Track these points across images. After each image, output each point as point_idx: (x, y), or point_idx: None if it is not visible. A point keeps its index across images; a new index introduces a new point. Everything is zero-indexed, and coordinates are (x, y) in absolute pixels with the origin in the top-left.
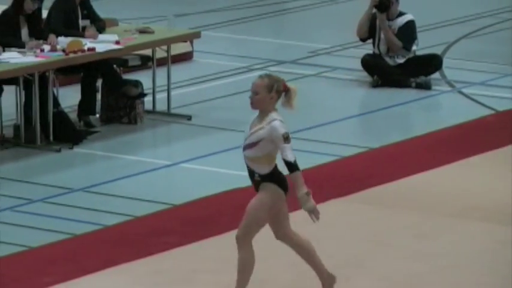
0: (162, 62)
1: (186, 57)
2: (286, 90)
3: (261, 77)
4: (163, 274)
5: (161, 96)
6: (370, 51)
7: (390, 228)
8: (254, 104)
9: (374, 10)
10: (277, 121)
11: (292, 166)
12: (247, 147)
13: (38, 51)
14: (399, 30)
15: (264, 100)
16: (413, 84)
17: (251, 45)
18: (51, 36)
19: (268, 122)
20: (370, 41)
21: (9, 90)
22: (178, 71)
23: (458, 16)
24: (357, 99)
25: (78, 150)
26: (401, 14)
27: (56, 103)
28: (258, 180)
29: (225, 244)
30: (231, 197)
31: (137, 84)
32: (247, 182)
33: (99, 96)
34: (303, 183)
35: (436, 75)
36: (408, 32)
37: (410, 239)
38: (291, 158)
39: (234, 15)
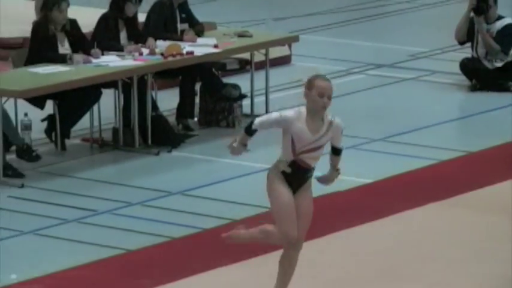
0: (260, 66)
1: (284, 60)
2: None
3: (327, 79)
4: (262, 278)
5: (259, 99)
6: (469, 55)
7: (489, 233)
8: (326, 109)
9: (472, 13)
10: (336, 117)
11: (341, 151)
12: (317, 149)
13: (137, 54)
14: (497, 34)
15: None
16: None
17: (350, 48)
18: (150, 40)
19: (329, 122)
20: (469, 44)
21: (108, 94)
22: (277, 75)
23: None
24: (456, 103)
25: (176, 153)
26: (500, 17)
27: (155, 106)
28: (311, 175)
29: (321, 246)
30: (330, 200)
31: (236, 87)
32: (348, 185)
33: (197, 99)
34: None
35: None
36: (506, 36)
37: (509, 244)
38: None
39: (332, 18)
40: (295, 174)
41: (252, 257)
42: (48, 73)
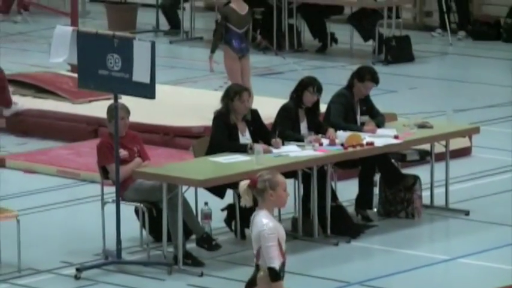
0: (440, 157)
1: (464, 152)
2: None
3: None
4: None
5: (439, 191)
6: None
7: None
8: None
9: None
10: None
11: None
12: None
13: (317, 145)
14: None
15: None
16: None
17: None
18: (330, 130)
19: None
20: None
21: (288, 183)
22: (457, 166)
23: None
24: None
25: (355, 244)
26: None
27: (334, 197)
28: None
29: None
30: None
31: (415, 179)
32: None
33: (376, 190)
34: None
35: None
36: None
37: None
38: None
39: None
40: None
41: None
42: (229, 162)
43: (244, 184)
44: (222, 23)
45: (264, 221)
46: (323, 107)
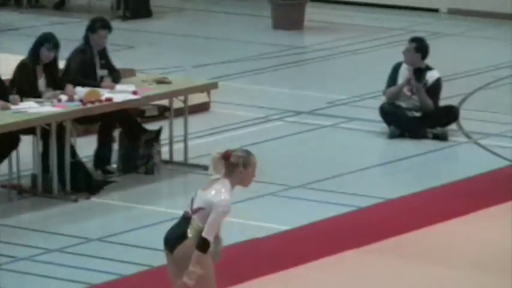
0: (179, 113)
1: (203, 107)
2: None
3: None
4: None
5: (178, 146)
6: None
7: (408, 280)
8: None
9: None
10: None
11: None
12: None
13: (56, 101)
14: (428, 90)
15: None
16: (430, 135)
17: (268, 95)
18: (69, 86)
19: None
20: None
21: (27, 140)
22: (196, 122)
23: (475, 67)
24: (375, 150)
25: (95, 200)
26: (428, 68)
27: (73, 153)
28: None
29: None
30: (246, 248)
31: (155, 134)
32: (266, 232)
33: (116, 146)
34: None
35: (453, 126)
36: (437, 91)
37: None
38: None
39: (251, 65)
40: None
41: None
42: None
43: (217, 154)
44: None
45: (226, 196)
46: (62, 63)
